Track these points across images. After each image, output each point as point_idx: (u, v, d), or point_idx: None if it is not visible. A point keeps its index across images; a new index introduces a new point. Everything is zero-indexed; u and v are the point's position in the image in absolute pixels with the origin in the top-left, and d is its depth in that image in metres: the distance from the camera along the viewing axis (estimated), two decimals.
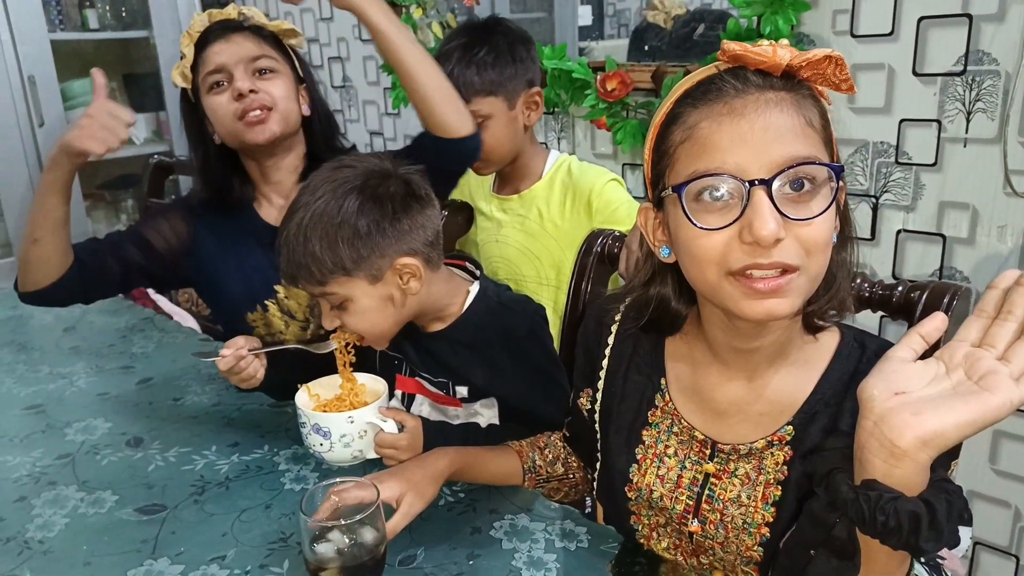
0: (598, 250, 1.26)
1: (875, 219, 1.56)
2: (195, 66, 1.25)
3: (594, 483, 0.92)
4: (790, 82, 0.67)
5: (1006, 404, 0.53)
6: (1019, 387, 0.53)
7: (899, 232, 1.54)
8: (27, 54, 2.60)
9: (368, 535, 0.75)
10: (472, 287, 1.07)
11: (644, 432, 0.84)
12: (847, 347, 0.77)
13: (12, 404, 1.28)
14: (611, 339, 0.89)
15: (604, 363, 0.89)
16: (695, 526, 0.79)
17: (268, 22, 1.28)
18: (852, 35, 1.51)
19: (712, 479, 0.79)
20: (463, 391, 1.07)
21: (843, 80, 0.66)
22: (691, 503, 0.79)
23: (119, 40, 3.00)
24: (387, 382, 1.02)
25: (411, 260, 0.95)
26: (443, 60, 1.36)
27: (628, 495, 0.84)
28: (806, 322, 0.75)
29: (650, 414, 0.84)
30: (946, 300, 0.91)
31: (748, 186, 0.64)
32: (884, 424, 0.55)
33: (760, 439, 0.76)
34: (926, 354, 0.59)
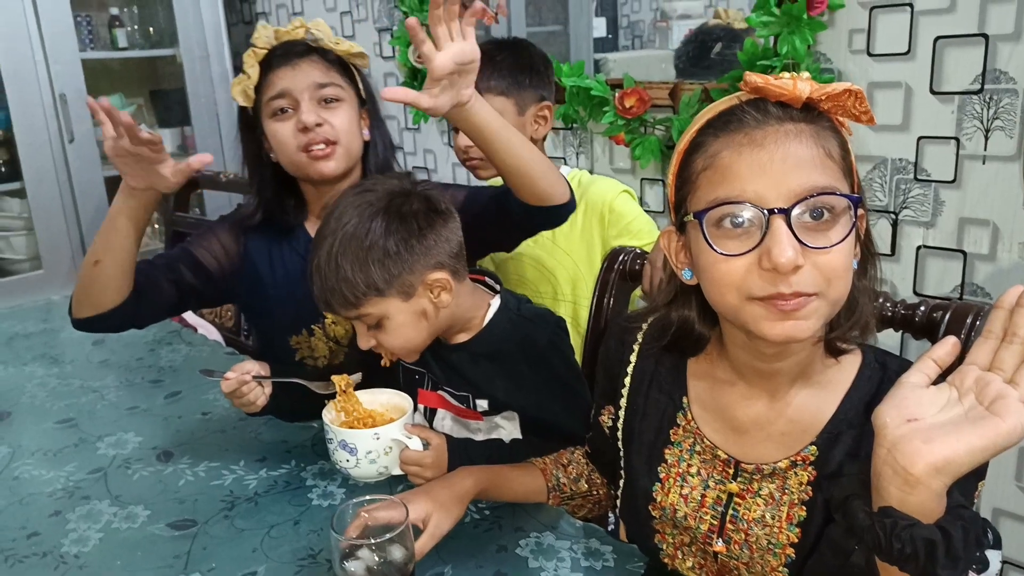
0: (620, 267, 1.27)
1: (895, 235, 1.56)
2: (258, 86, 1.21)
3: (617, 500, 0.93)
4: (810, 114, 0.68)
5: (1017, 428, 0.53)
6: None
7: (919, 248, 1.54)
8: (59, 73, 2.67)
9: (397, 554, 0.76)
10: (494, 300, 1.09)
11: (666, 451, 0.84)
12: (868, 368, 0.77)
13: (45, 417, 1.31)
14: (633, 357, 0.90)
15: (627, 381, 0.90)
16: (720, 546, 0.80)
17: (334, 42, 1.24)
18: (869, 54, 1.52)
19: (736, 499, 0.79)
20: (483, 404, 1.08)
21: (863, 112, 0.67)
22: (715, 523, 0.80)
23: (147, 58, 3.08)
24: (409, 397, 1.04)
25: (440, 274, 0.98)
26: None
27: (652, 514, 0.84)
28: (828, 346, 0.76)
29: (672, 432, 0.85)
30: (969, 320, 0.92)
31: (767, 214, 0.66)
32: (897, 451, 0.56)
33: (783, 459, 0.77)
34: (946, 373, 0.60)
